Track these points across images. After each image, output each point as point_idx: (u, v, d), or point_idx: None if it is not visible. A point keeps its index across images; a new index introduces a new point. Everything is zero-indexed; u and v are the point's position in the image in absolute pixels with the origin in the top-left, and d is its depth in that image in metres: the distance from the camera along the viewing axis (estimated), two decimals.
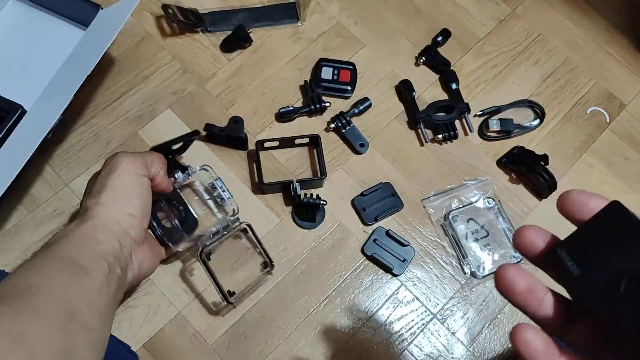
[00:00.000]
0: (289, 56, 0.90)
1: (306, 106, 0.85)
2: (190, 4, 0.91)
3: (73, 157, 0.81)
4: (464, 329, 0.77)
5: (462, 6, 0.96)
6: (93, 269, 0.52)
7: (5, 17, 0.87)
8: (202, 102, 0.86)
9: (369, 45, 0.92)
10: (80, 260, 0.53)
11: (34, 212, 0.78)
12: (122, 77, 0.86)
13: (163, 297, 0.74)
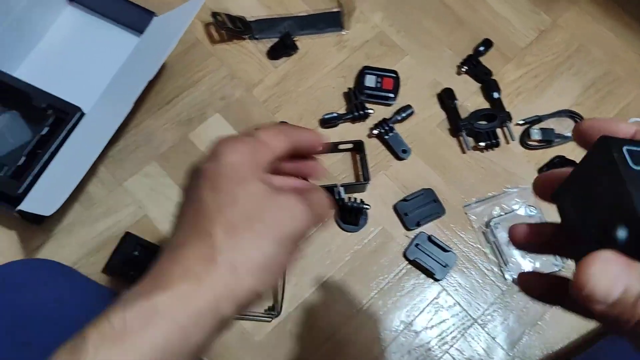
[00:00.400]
0: (333, 64, 0.93)
1: (350, 113, 0.88)
2: (238, 12, 0.93)
3: (126, 157, 0.84)
4: (504, 334, 0.78)
5: (504, 17, 0.98)
6: None
7: (63, 23, 0.90)
8: (249, 107, 0.89)
9: (412, 54, 0.94)
10: None
11: (89, 209, 0.81)
12: (172, 81, 0.89)
13: None
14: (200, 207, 0.35)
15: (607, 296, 0.24)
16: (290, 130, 0.40)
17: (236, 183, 0.35)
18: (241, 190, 0.35)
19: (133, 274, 0.76)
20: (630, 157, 0.26)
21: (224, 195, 0.35)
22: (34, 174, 0.75)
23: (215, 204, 0.34)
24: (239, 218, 0.34)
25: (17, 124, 0.83)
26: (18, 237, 0.80)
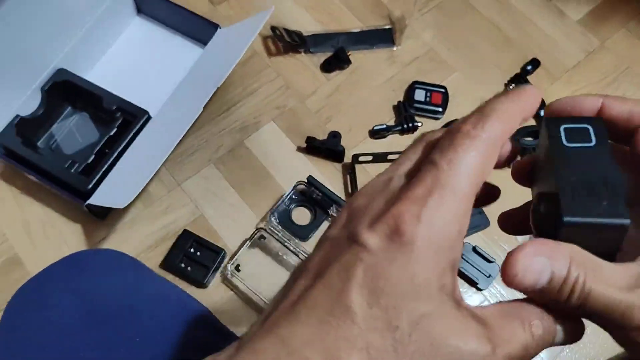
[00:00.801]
0: (383, 78, 0.96)
1: (399, 125, 0.91)
2: (295, 27, 0.98)
3: (185, 160, 0.89)
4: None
5: (552, 38, 1.00)
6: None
7: (132, 33, 0.97)
8: (302, 117, 0.93)
9: (460, 71, 0.97)
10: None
11: (150, 207, 0.86)
12: (231, 90, 0.94)
13: None
14: (339, 318, 0.23)
15: (535, 286, 0.24)
16: (505, 128, 0.26)
17: (406, 299, 0.23)
18: (406, 316, 0.23)
19: (189, 269, 0.81)
20: (566, 135, 0.27)
21: (385, 320, 0.23)
22: (103, 171, 0.80)
23: (365, 325, 0.23)
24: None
25: (86, 125, 0.89)
26: (83, 230, 0.85)
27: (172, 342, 0.57)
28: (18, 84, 0.84)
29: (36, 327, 0.56)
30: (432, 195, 0.24)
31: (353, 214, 0.26)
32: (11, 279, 0.81)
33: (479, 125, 0.25)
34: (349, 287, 0.23)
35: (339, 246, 0.25)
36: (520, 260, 0.24)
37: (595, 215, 0.24)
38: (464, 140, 0.25)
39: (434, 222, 0.23)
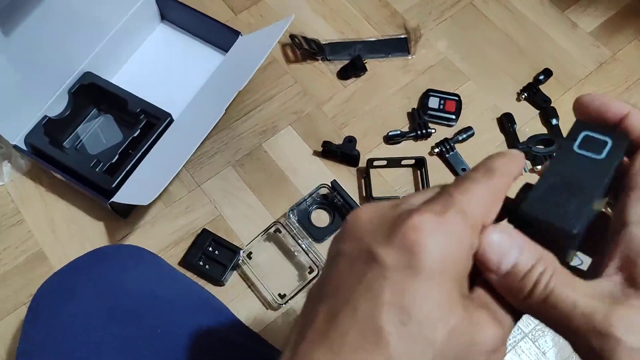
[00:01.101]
0: (398, 85, 0.99)
1: (413, 131, 0.93)
2: (313, 35, 1.01)
3: (205, 162, 0.92)
4: (554, 350, 0.81)
5: (565, 49, 1.02)
6: None
7: (155, 38, 1.00)
8: (318, 122, 0.95)
9: (474, 80, 0.99)
10: None
11: (170, 207, 0.89)
12: (250, 95, 0.97)
13: None
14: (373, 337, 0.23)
15: (499, 266, 0.25)
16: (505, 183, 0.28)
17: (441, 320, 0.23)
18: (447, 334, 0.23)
19: (207, 267, 0.83)
20: (582, 141, 0.28)
21: (419, 336, 0.23)
22: (126, 170, 0.83)
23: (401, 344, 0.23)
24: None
25: (110, 126, 0.93)
26: (105, 227, 0.88)
27: (191, 336, 0.59)
28: (47, 86, 0.87)
29: (61, 317, 0.58)
30: (446, 212, 0.25)
31: (364, 228, 0.26)
32: (36, 273, 0.84)
33: (487, 174, 0.27)
34: (378, 309, 0.23)
35: (356, 264, 0.25)
36: (494, 236, 0.26)
37: (548, 216, 0.26)
38: (475, 181, 0.27)
39: (448, 234, 0.24)
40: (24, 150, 0.86)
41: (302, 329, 0.26)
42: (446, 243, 0.24)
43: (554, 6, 1.06)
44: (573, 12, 1.06)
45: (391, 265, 0.24)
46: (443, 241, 0.24)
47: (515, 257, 0.25)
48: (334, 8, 1.06)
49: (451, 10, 1.06)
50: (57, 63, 0.87)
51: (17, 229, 0.87)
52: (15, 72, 0.81)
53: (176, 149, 0.80)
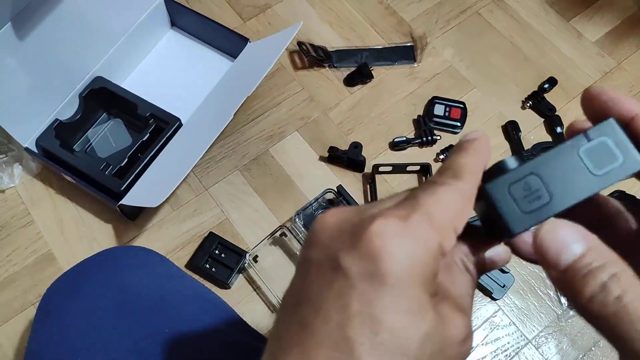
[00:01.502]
0: (404, 93, 1.00)
1: (418, 138, 0.94)
2: (320, 43, 1.02)
3: (213, 166, 0.93)
4: (557, 357, 0.81)
5: (570, 58, 1.03)
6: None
7: (165, 44, 1.02)
8: (325, 128, 0.97)
9: (479, 88, 1.00)
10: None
11: (177, 210, 0.90)
12: (258, 101, 0.98)
13: None
14: (345, 350, 0.23)
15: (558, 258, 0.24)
16: (473, 183, 0.26)
17: (413, 326, 0.23)
18: (418, 339, 0.23)
19: (213, 270, 0.84)
20: (594, 146, 0.26)
21: (390, 345, 0.23)
22: (135, 173, 0.84)
23: (371, 354, 0.22)
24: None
25: (120, 130, 0.94)
26: (113, 230, 0.89)
27: (198, 336, 0.59)
28: (58, 90, 0.89)
29: (70, 315, 0.59)
30: (410, 216, 0.24)
31: (329, 234, 0.25)
32: (45, 274, 0.85)
33: (455, 178, 0.26)
34: (348, 320, 0.23)
35: (324, 272, 0.25)
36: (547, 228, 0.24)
37: (502, 205, 0.25)
38: (443, 185, 0.26)
39: (413, 238, 0.23)
40: (35, 152, 0.87)
41: (277, 339, 0.26)
42: (411, 248, 0.23)
43: (559, 15, 1.07)
44: (578, 21, 1.07)
45: (357, 274, 0.23)
46: (408, 246, 0.23)
47: (579, 250, 0.23)
48: (341, 16, 1.08)
49: (457, 19, 1.07)
50: (68, 67, 0.88)
51: (27, 230, 0.88)
52: (27, 76, 0.83)
53: (185, 152, 0.81)
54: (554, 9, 1.08)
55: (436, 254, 0.24)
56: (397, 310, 0.23)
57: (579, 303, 0.23)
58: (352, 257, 0.24)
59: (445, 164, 0.27)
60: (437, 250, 0.24)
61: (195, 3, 1.09)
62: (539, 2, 1.09)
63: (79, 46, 0.88)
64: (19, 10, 0.77)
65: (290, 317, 0.25)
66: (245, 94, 0.77)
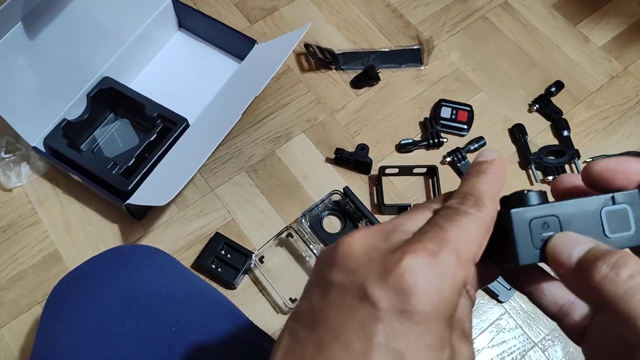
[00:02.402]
0: (411, 95, 1.00)
1: (425, 140, 0.94)
2: (327, 45, 1.03)
3: (219, 167, 0.93)
4: None
5: (576, 62, 1.03)
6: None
7: (173, 46, 1.02)
8: (331, 130, 0.97)
9: (486, 91, 1.00)
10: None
11: (184, 210, 0.90)
12: (265, 102, 0.99)
13: None
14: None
15: (570, 254, 0.25)
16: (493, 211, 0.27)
17: (427, 352, 0.24)
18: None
19: (219, 270, 0.84)
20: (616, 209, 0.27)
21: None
22: (142, 173, 0.84)
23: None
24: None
25: (127, 131, 0.94)
26: (120, 230, 0.89)
27: (204, 334, 0.59)
28: (67, 90, 0.89)
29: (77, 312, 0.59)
30: (440, 253, 0.24)
31: (357, 260, 0.26)
32: (51, 273, 0.86)
33: (478, 207, 0.26)
34: (371, 350, 0.23)
35: (348, 299, 0.25)
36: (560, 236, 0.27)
37: (519, 235, 0.27)
38: (467, 215, 0.26)
39: (442, 276, 0.24)
40: (43, 152, 0.87)
41: (290, 351, 0.26)
42: (440, 286, 0.24)
43: (566, 20, 1.08)
44: (585, 26, 1.07)
45: (385, 307, 0.24)
46: (437, 284, 0.24)
47: (589, 246, 0.25)
48: (348, 18, 1.08)
49: (464, 22, 1.08)
50: (77, 68, 0.89)
51: (34, 229, 0.89)
52: (36, 75, 0.83)
53: (192, 153, 0.81)
54: (560, 13, 1.08)
55: (461, 290, 0.25)
56: (421, 347, 0.23)
57: (590, 287, 0.24)
58: (382, 290, 0.24)
59: (466, 187, 0.28)
60: (462, 286, 0.25)
61: (203, 5, 1.09)
62: (546, 7, 1.09)
63: (88, 47, 0.89)
64: (30, 11, 0.77)
65: (306, 335, 0.25)
66: (253, 95, 0.77)
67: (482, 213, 0.26)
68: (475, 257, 0.26)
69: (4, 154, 0.92)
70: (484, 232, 0.26)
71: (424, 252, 0.24)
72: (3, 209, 0.90)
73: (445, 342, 0.24)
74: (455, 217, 0.26)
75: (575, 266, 0.25)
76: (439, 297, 0.24)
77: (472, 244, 0.26)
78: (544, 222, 0.27)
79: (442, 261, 0.24)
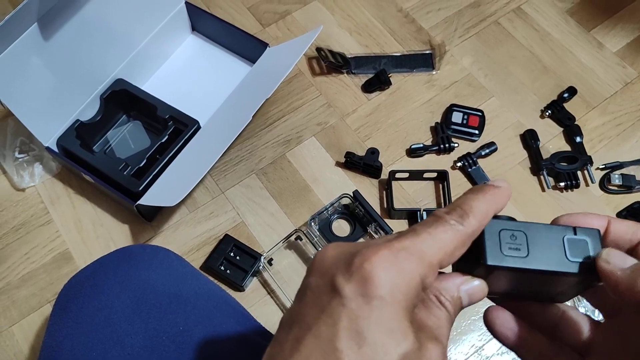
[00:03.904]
0: (422, 100, 1.00)
1: (436, 145, 0.94)
2: (338, 49, 1.03)
3: (230, 169, 0.94)
4: None
5: (589, 67, 1.02)
6: None
7: (185, 49, 1.03)
8: (342, 134, 0.97)
9: (497, 96, 1.00)
10: None
11: (194, 212, 0.90)
12: (276, 106, 0.99)
13: None
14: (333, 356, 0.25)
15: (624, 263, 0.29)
16: (477, 228, 0.29)
17: (393, 343, 0.25)
18: (392, 348, 0.25)
19: (228, 272, 0.84)
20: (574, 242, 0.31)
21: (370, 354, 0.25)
22: (153, 174, 0.85)
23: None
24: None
25: (139, 133, 0.95)
26: (130, 230, 0.90)
27: (212, 334, 0.60)
28: (80, 91, 0.90)
29: (86, 311, 0.59)
30: (402, 251, 0.27)
31: (329, 262, 0.28)
32: (61, 272, 0.86)
33: (460, 220, 0.29)
34: (336, 333, 0.26)
35: (321, 296, 0.27)
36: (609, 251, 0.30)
37: (489, 239, 0.30)
38: (445, 224, 0.28)
39: (400, 269, 0.26)
40: (56, 152, 0.88)
41: (271, 356, 0.28)
42: (396, 277, 0.26)
43: (579, 25, 1.07)
44: (599, 31, 1.06)
45: (349, 294, 0.26)
46: (393, 275, 0.26)
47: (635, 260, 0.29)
48: (360, 23, 1.08)
49: (476, 27, 1.07)
50: (91, 69, 0.90)
51: (46, 228, 0.89)
52: (51, 76, 0.84)
53: (202, 154, 0.82)
54: (574, 19, 1.08)
55: (417, 287, 0.27)
56: (380, 329, 0.26)
57: None
58: (346, 280, 0.27)
59: (460, 199, 0.30)
60: (418, 283, 0.27)
61: (216, 9, 1.10)
62: (559, 12, 1.09)
63: (102, 49, 0.90)
64: (45, 12, 0.78)
65: (284, 336, 0.28)
66: (264, 96, 0.78)
67: (462, 226, 0.28)
68: (442, 264, 0.28)
69: (18, 154, 0.93)
70: (458, 244, 0.28)
71: (386, 248, 0.27)
72: (16, 209, 0.91)
73: (406, 332, 0.26)
74: (432, 224, 0.28)
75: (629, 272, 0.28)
76: (394, 286, 0.26)
77: (439, 251, 0.28)
78: (512, 234, 0.30)
79: (401, 257, 0.27)
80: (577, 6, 1.09)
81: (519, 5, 1.10)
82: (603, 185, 0.92)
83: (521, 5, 1.10)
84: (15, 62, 0.78)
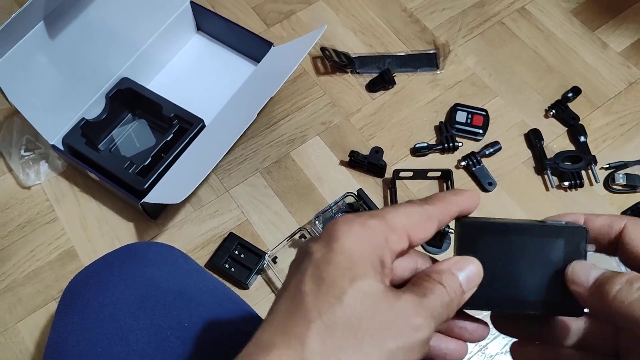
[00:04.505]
0: (426, 99, 1.00)
1: (440, 144, 0.94)
2: (343, 49, 1.03)
3: (234, 168, 0.94)
4: None
5: (594, 67, 1.02)
6: None
7: (190, 48, 1.04)
8: (346, 133, 0.97)
9: (502, 96, 1.00)
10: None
11: (198, 210, 0.91)
12: (280, 105, 0.99)
13: None
14: (297, 301, 0.29)
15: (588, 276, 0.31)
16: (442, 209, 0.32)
17: (347, 278, 0.29)
18: (350, 289, 0.28)
19: (233, 270, 0.84)
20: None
21: (329, 291, 0.28)
22: (158, 172, 0.85)
23: (315, 300, 0.28)
24: (341, 325, 0.28)
25: (144, 131, 0.96)
26: (135, 228, 0.90)
27: (217, 331, 0.60)
28: (86, 90, 0.91)
29: (91, 307, 0.60)
30: (366, 215, 0.31)
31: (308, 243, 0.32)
32: (67, 270, 0.87)
33: (424, 201, 0.33)
34: (302, 280, 0.30)
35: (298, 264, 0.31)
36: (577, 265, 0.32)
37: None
38: (411, 204, 0.32)
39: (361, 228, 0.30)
40: (61, 150, 0.89)
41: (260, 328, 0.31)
42: (359, 230, 0.30)
43: (584, 25, 1.07)
44: (603, 31, 1.06)
45: (315, 251, 0.30)
46: (356, 229, 0.30)
47: (602, 270, 0.31)
48: (364, 23, 1.09)
49: (480, 27, 1.08)
50: (96, 68, 0.90)
51: (51, 226, 0.90)
52: (57, 75, 0.85)
53: (207, 153, 0.82)
54: (578, 19, 1.08)
55: (381, 244, 0.30)
56: (338, 269, 0.29)
57: (606, 301, 0.30)
58: (315, 242, 0.31)
59: (437, 193, 0.34)
60: (381, 241, 0.30)
61: (221, 8, 1.11)
62: (563, 12, 1.09)
63: (107, 47, 0.90)
64: (51, 11, 0.79)
65: (267, 316, 0.31)
66: (268, 96, 0.78)
67: (426, 205, 0.32)
68: (409, 232, 0.31)
69: (24, 152, 0.94)
70: (421, 217, 0.32)
71: (354, 215, 0.31)
72: (22, 206, 0.92)
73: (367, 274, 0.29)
74: (403, 204, 0.32)
75: (592, 285, 0.31)
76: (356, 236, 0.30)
77: (402, 217, 0.31)
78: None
79: (365, 218, 0.30)
80: (581, 6, 1.10)
81: (523, 5, 1.10)
82: (607, 185, 0.92)
83: (525, 5, 1.10)
84: (22, 60, 0.79)
